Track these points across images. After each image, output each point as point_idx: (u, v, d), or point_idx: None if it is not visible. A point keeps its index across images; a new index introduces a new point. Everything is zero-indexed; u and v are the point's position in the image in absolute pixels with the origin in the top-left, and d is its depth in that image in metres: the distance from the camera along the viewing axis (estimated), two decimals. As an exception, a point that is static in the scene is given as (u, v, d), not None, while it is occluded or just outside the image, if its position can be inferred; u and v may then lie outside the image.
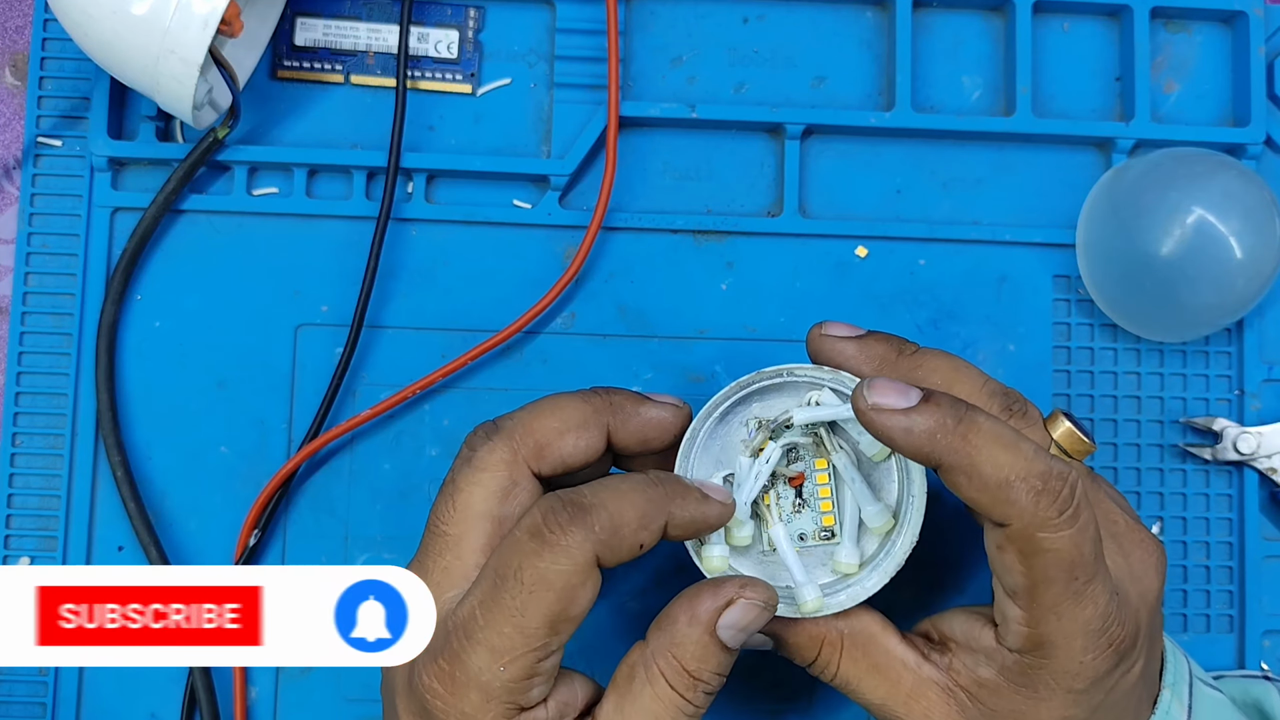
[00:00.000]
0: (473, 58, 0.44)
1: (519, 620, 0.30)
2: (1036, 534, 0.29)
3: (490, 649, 0.30)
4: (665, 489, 0.31)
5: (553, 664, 0.31)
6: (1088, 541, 0.30)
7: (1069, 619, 0.30)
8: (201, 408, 0.42)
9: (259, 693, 0.41)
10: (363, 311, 0.41)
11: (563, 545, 0.30)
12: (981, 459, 0.29)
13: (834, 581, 0.34)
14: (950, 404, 0.30)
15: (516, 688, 0.30)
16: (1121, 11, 0.45)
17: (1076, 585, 0.30)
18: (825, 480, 0.34)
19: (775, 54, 0.44)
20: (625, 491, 0.31)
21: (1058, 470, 0.29)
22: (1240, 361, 0.44)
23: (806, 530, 0.34)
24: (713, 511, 0.32)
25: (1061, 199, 0.44)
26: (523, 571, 0.30)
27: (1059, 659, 0.30)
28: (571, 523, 0.30)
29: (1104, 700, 0.32)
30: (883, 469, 0.34)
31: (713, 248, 0.43)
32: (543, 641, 0.30)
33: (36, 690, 0.40)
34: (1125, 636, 0.31)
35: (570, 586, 0.30)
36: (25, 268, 0.42)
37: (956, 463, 0.29)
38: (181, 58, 0.36)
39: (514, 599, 0.30)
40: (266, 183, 0.43)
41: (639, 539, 0.30)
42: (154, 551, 0.40)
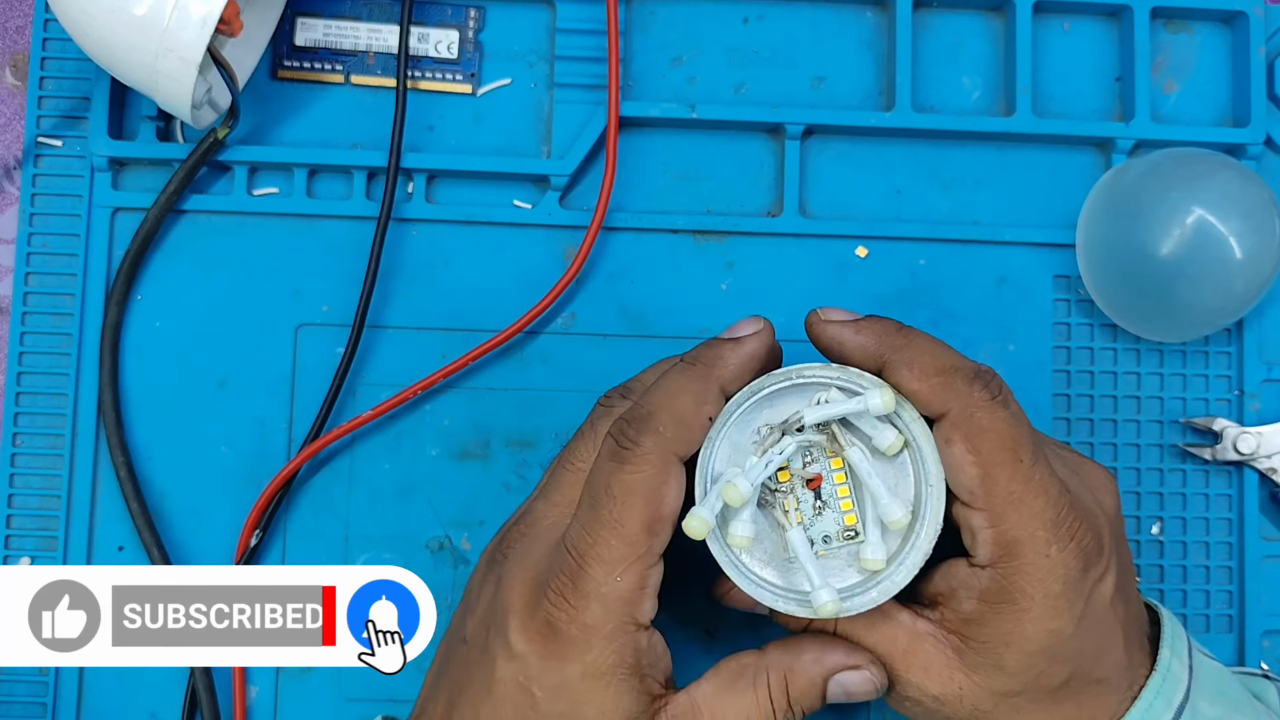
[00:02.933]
0: (473, 58, 0.44)
1: (620, 530, 0.32)
2: (975, 414, 0.32)
3: (602, 562, 0.32)
4: (704, 361, 0.34)
5: (658, 577, 0.33)
6: (1024, 426, 0.32)
7: (1025, 508, 0.32)
8: (202, 408, 0.42)
9: (259, 693, 0.41)
10: (363, 311, 0.41)
11: (640, 455, 0.32)
12: (921, 352, 0.33)
13: (863, 580, 0.34)
14: (894, 321, 0.34)
15: (631, 598, 0.32)
16: (1121, 11, 0.45)
17: (1023, 469, 0.32)
18: (843, 480, 0.34)
19: (775, 54, 0.44)
20: (672, 385, 0.33)
21: (986, 368, 0.33)
22: (1240, 362, 0.44)
23: (830, 532, 0.34)
24: (752, 346, 0.34)
25: (1061, 199, 0.44)
26: (612, 487, 0.32)
27: (1026, 556, 0.32)
28: (640, 434, 0.32)
29: (1085, 611, 0.32)
30: (898, 465, 0.34)
31: (713, 248, 0.43)
32: (645, 546, 0.32)
33: (36, 690, 0.40)
34: (1087, 536, 0.32)
35: (655, 488, 0.32)
36: (25, 268, 0.42)
37: (900, 357, 0.33)
38: (180, 57, 0.36)
39: (611, 513, 0.32)
40: (267, 183, 0.43)
41: (703, 416, 0.33)
42: (155, 552, 0.40)
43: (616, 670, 0.32)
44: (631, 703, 0.32)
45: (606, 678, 0.32)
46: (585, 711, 0.32)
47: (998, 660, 0.33)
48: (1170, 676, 0.34)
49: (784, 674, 0.34)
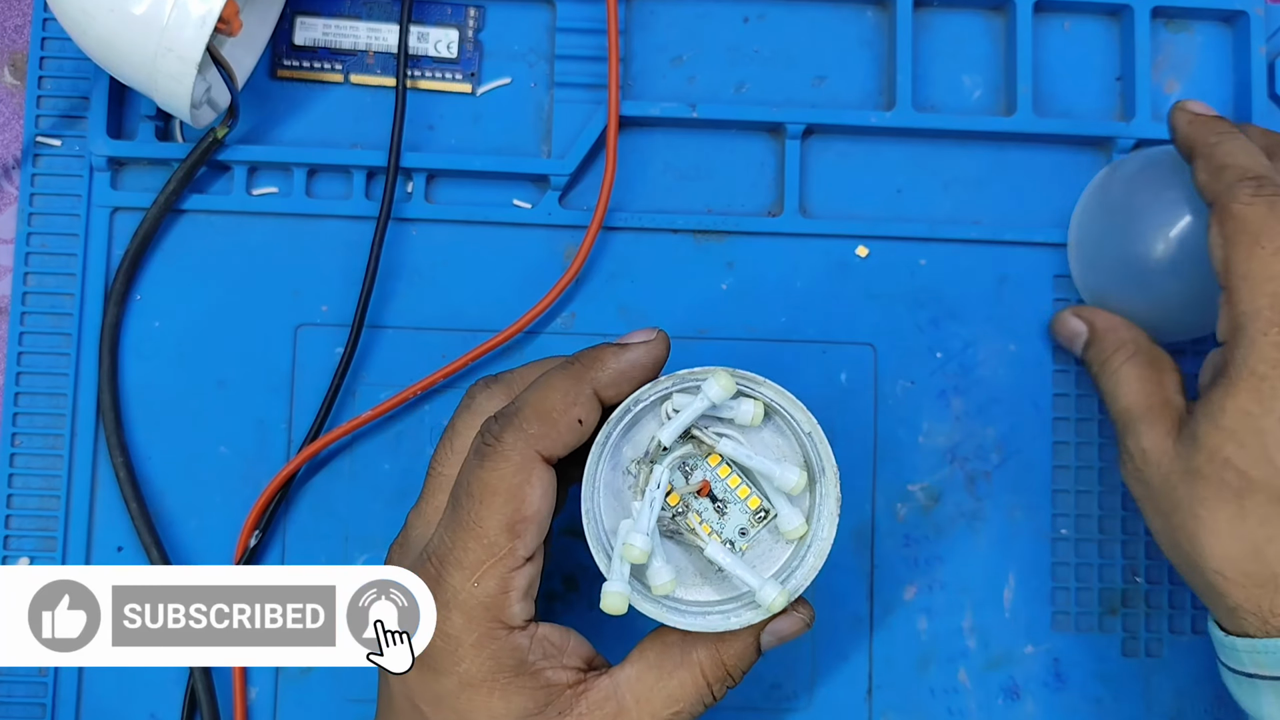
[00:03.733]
0: (473, 57, 0.44)
1: (478, 532, 0.31)
2: (1231, 204, 0.34)
3: (461, 567, 0.31)
4: (581, 361, 0.32)
5: (525, 579, 0.31)
6: (1277, 221, 0.33)
7: (1255, 284, 0.33)
8: (201, 408, 0.42)
9: (259, 693, 0.41)
10: (363, 311, 0.41)
11: (499, 451, 0.31)
12: (1219, 150, 0.36)
13: (794, 549, 0.33)
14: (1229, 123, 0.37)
15: (493, 603, 0.31)
16: (1122, 11, 0.44)
17: (1263, 253, 0.33)
18: (728, 471, 0.33)
19: (776, 53, 0.44)
20: (545, 382, 0.32)
21: (1272, 178, 0.34)
22: (1241, 361, 0.44)
23: (742, 524, 0.33)
24: (637, 354, 0.32)
25: (1062, 199, 0.44)
26: (471, 486, 0.31)
27: (1248, 332, 0.33)
28: (503, 429, 0.31)
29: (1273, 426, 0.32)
30: (770, 428, 0.33)
31: (713, 248, 0.43)
32: (505, 548, 0.31)
33: (36, 690, 0.40)
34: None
35: (514, 487, 0.31)
36: (25, 268, 0.42)
37: (1202, 150, 0.36)
38: (179, 56, 0.36)
39: (469, 513, 0.31)
40: (266, 182, 0.43)
41: (572, 417, 0.31)
42: (155, 552, 0.40)
43: (495, 676, 0.31)
44: (525, 701, 0.31)
45: (487, 685, 0.31)
46: (475, 718, 0.31)
47: (1196, 429, 0.34)
48: None
49: (714, 643, 0.32)
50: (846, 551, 0.42)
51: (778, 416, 0.33)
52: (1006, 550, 0.43)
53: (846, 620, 0.42)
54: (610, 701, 0.32)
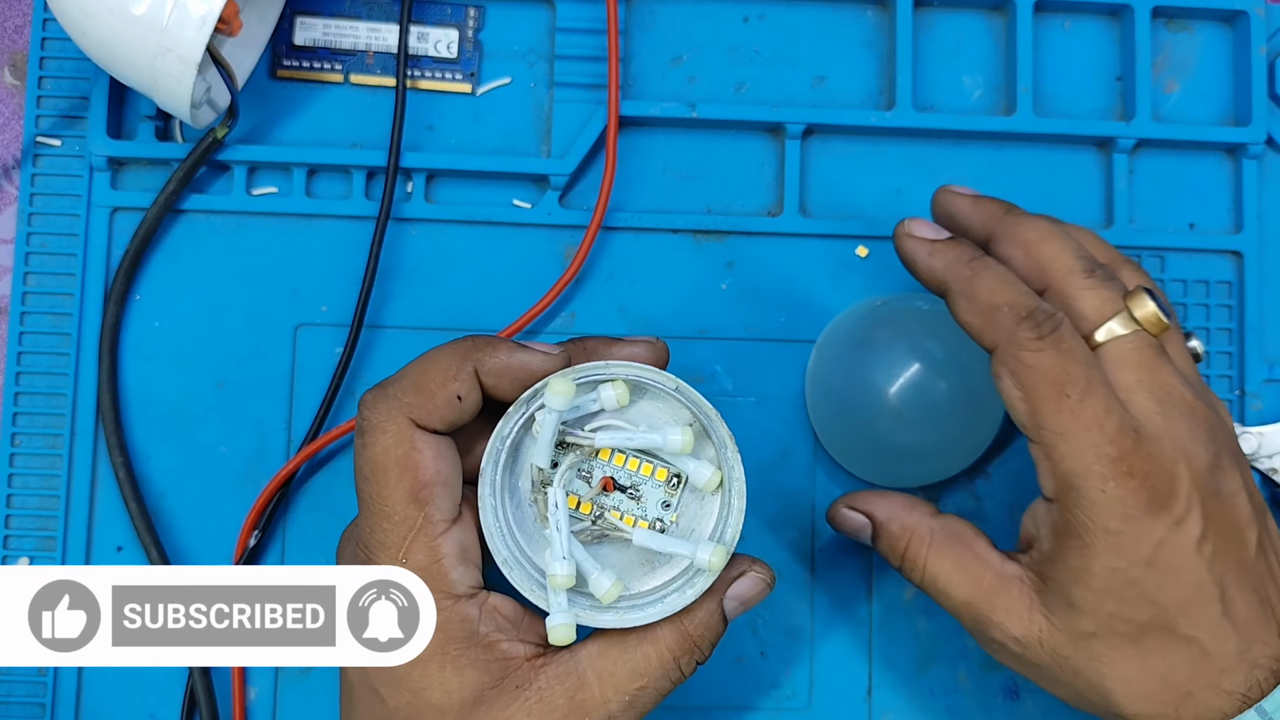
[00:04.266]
0: (472, 57, 0.44)
1: (386, 509, 0.31)
2: (1019, 352, 0.32)
3: (384, 548, 0.31)
4: (472, 342, 0.32)
5: (455, 544, 0.31)
6: (1075, 364, 0.31)
7: (1076, 441, 0.31)
8: (201, 408, 0.42)
9: (259, 693, 0.41)
10: (363, 311, 0.41)
11: (376, 424, 0.31)
12: (980, 286, 0.33)
13: (721, 503, 0.32)
14: (970, 246, 0.34)
15: (428, 574, 0.31)
16: (1122, 11, 0.44)
17: (1070, 403, 0.31)
18: (623, 460, 0.32)
19: (776, 53, 0.44)
20: (427, 355, 0.32)
21: (1044, 309, 0.32)
22: (1241, 361, 0.44)
23: (663, 498, 0.32)
24: (531, 359, 0.32)
25: (1062, 198, 0.44)
26: (362, 467, 0.31)
27: (1083, 490, 0.31)
28: (377, 401, 0.31)
29: (1155, 557, 0.31)
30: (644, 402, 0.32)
31: (713, 248, 0.43)
32: (418, 518, 0.31)
33: (35, 690, 0.40)
34: (1153, 474, 0.31)
35: (402, 456, 0.30)
36: (24, 268, 0.42)
37: (960, 288, 0.33)
38: (179, 56, 0.36)
39: (369, 495, 0.31)
40: (266, 182, 0.43)
41: (450, 391, 0.31)
42: (154, 552, 0.40)
43: (445, 648, 0.31)
44: (479, 674, 0.31)
45: (438, 659, 0.31)
46: (429, 696, 0.31)
47: (1069, 598, 0.32)
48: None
49: (676, 616, 0.32)
50: (847, 552, 0.42)
51: (643, 388, 0.32)
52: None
53: (846, 620, 0.42)
54: (571, 676, 0.31)
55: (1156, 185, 0.45)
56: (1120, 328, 0.33)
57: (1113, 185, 0.44)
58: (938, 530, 0.35)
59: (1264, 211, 0.45)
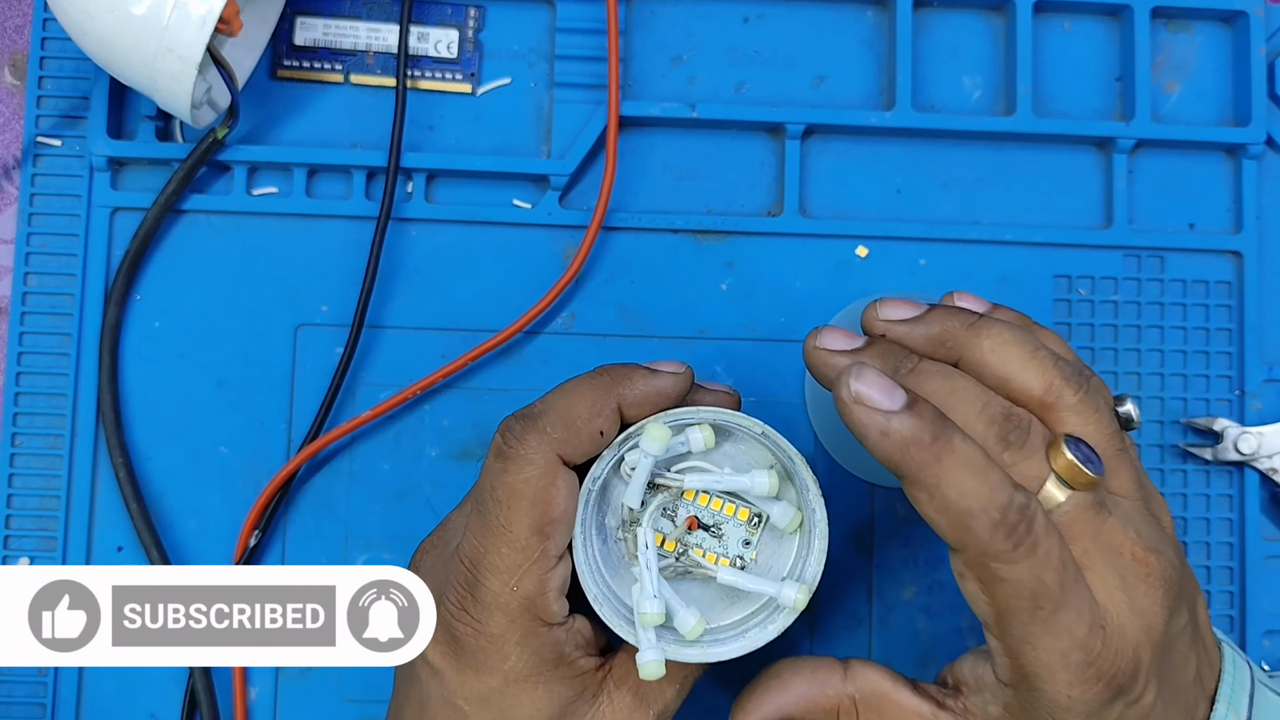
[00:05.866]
0: (472, 57, 0.44)
1: (509, 536, 0.31)
2: (991, 564, 0.29)
3: (496, 571, 0.31)
4: (611, 375, 0.33)
5: (560, 579, 0.32)
6: (1050, 571, 0.29)
7: (1044, 649, 0.29)
8: (201, 408, 0.42)
9: (259, 693, 0.41)
10: (363, 311, 0.41)
11: (522, 455, 0.31)
12: (948, 481, 0.28)
13: (800, 540, 0.33)
14: (932, 417, 0.29)
15: (533, 604, 0.31)
16: (1122, 11, 0.44)
17: (1043, 614, 0.29)
18: (707, 499, 0.33)
19: (775, 53, 0.44)
20: (572, 389, 0.32)
21: (1018, 503, 0.28)
22: (1241, 361, 0.44)
23: (744, 537, 0.34)
24: (665, 382, 0.33)
25: (1062, 199, 0.44)
26: (496, 490, 0.31)
27: (1046, 691, 0.29)
28: (525, 432, 0.31)
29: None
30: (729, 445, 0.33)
31: (713, 248, 0.43)
32: (538, 550, 0.31)
33: (36, 690, 0.40)
34: (1120, 670, 0.30)
35: (541, 489, 0.31)
36: (25, 268, 0.42)
37: (923, 479, 0.29)
38: (179, 56, 0.36)
39: (497, 518, 0.31)
40: (266, 182, 0.43)
41: (595, 427, 0.32)
42: (155, 552, 0.40)
43: (541, 670, 0.32)
44: (565, 690, 0.32)
45: (532, 679, 0.32)
46: (518, 714, 0.32)
47: None
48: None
49: None
50: (847, 552, 0.42)
51: (730, 429, 0.33)
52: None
53: (846, 620, 0.42)
54: (631, 675, 0.33)
55: (1156, 185, 0.45)
56: (1057, 494, 0.30)
57: (1112, 185, 0.44)
58: (859, 696, 0.33)
59: (1264, 211, 0.45)
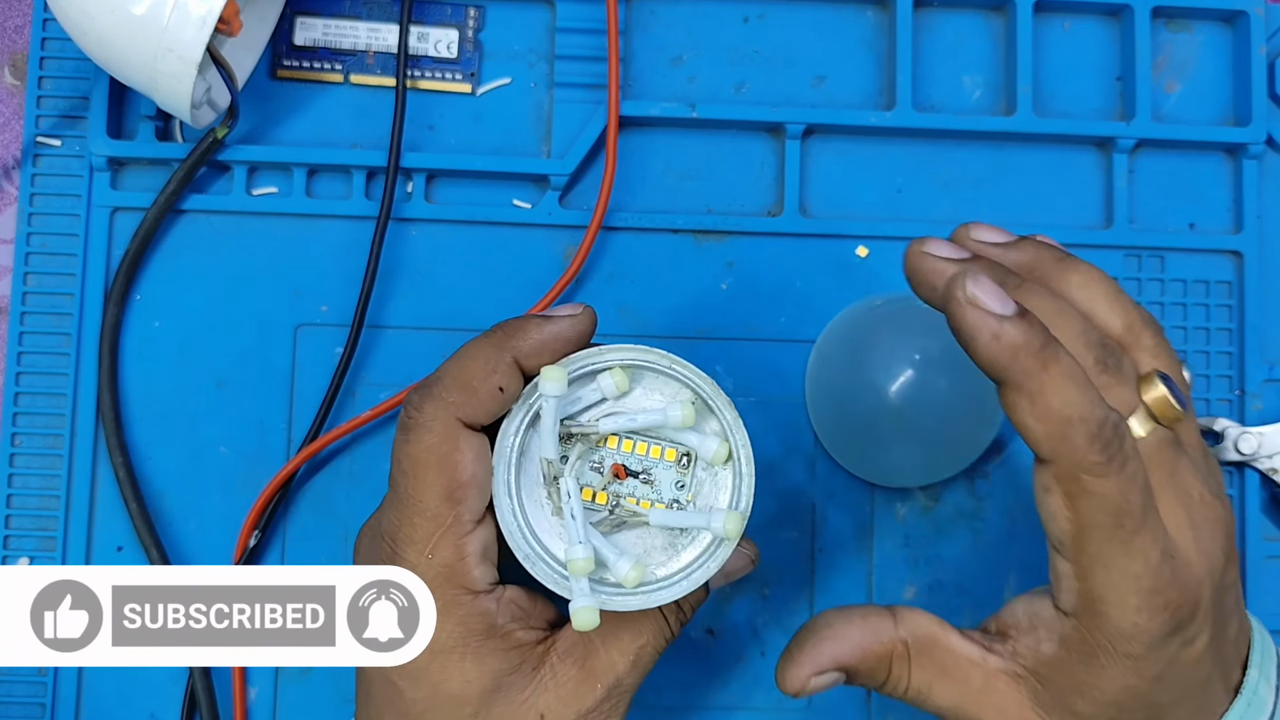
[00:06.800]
0: (472, 57, 0.44)
1: (419, 506, 0.31)
2: (1082, 475, 0.29)
3: (411, 542, 0.31)
4: (504, 330, 0.32)
5: (479, 544, 0.32)
6: (1136, 491, 0.29)
7: (1118, 572, 0.29)
8: (201, 408, 0.42)
9: (259, 693, 0.41)
10: (363, 311, 0.41)
11: (421, 423, 0.31)
12: (1051, 389, 0.29)
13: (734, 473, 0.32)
14: (1040, 327, 0.29)
15: (452, 572, 0.31)
16: (1122, 11, 0.44)
17: (1123, 534, 0.29)
18: (630, 445, 0.32)
19: (775, 53, 0.44)
20: (465, 351, 0.32)
21: (1113, 420, 0.29)
22: (1241, 361, 0.44)
23: (676, 479, 0.33)
24: (560, 326, 0.32)
25: (1062, 199, 0.44)
26: (402, 462, 0.31)
27: (1112, 617, 0.30)
28: (423, 401, 0.31)
29: (1164, 671, 0.31)
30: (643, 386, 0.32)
31: (713, 248, 0.43)
32: (450, 516, 0.31)
33: (36, 690, 0.40)
34: (1184, 604, 0.30)
35: (444, 455, 0.31)
36: (25, 268, 0.42)
37: (1027, 385, 0.29)
38: (179, 56, 0.36)
39: (405, 490, 0.31)
40: (266, 182, 0.43)
41: (492, 384, 0.31)
42: (154, 552, 0.40)
43: (467, 640, 0.32)
44: (499, 662, 0.32)
45: (459, 650, 0.32)
46: (449, 688, 0.32)
47: (1071, 706, 0.31)
48: (1256, 700, 0.32)
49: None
50: (847, 551, 0.42)
51: (640, 370, 0.32)
52: (1006, 550, 0.43)
53: (846, 620, 0.42)
54: (578, 647, 0.33)
55: (1156, 185, 0.45)
56: (1139, 428, 0.30)
57: (1113, 185, 0.44)
58: (910, 641, 0.33)
59: (1264, 211, 0.45)
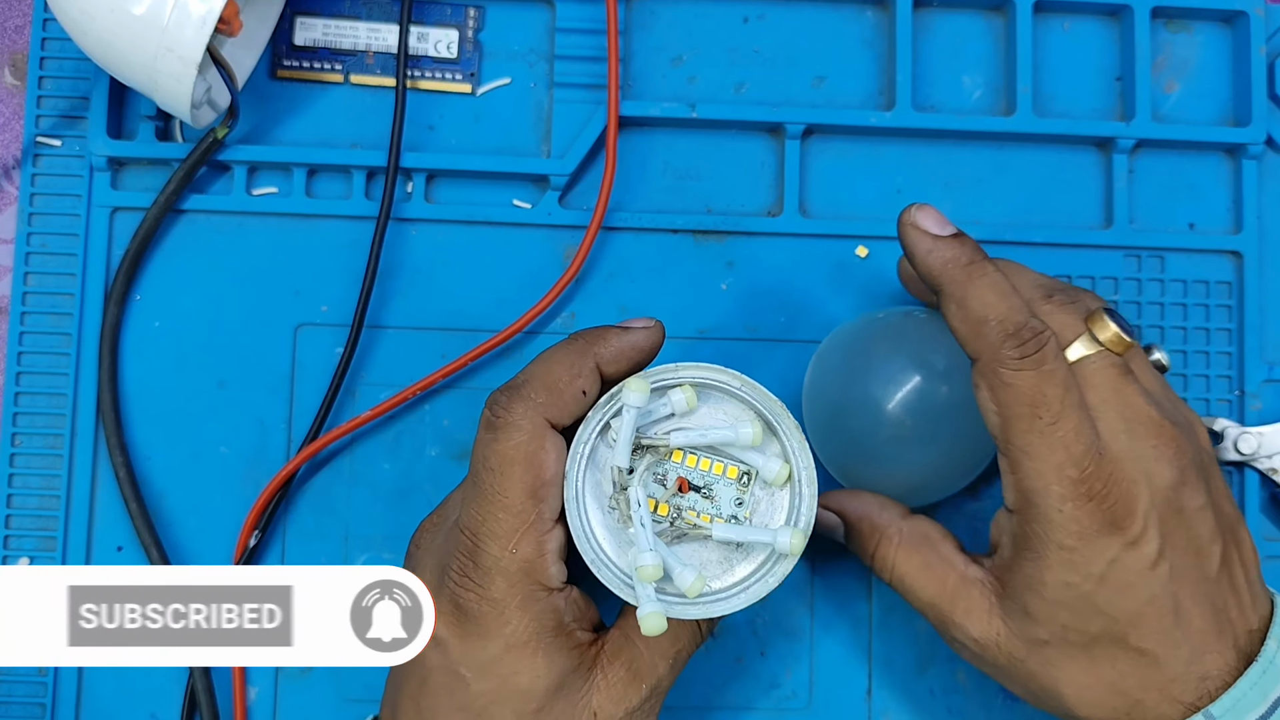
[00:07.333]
0: (472, 57, 0.44)
1: (504, 501, 0.32)
2: (999, 369, 0.32)
3: (495, 536, 0.32)
4: (585, 338, 0.34)
5: (556, 542, 0.33)
6: (1052, 386, 0.32)
7: (1040, 460, 0.32)
8: (201, 408, 0.42)
9: (259, 693, 0.41)
10: (363, 311, 0.41)
11: (510, 422, 0.32)
12: (973, 294, 0.33)
13: (791, 493, 0.33)
14: (971, 246, 0.34)
15: (532, 567, 0.32)
16: (1122, 11, 0.44)
17: (1041, 424, 0.32)
18: (695, 460, 0.33)
19: (775, 53, 0.44)
20: (550, 355, 0.34)
21: (1032, 325, 0.33)
22: (1241, 361, 0.44)
23: (735, 495, 0.33)
24: (637, 337, 0.34)
25: (1062, 199, 0.44)
26: (489, 459, 0.32)
27: (1040, 507, 0.33)
28: (511, 401, 0.33)
29: (1107, 574, 0.32)
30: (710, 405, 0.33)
31: (713, 248, 0.43)
32: (534, 513, 0.32)
33: (36, 690, 0.40)
34: (1111, 496, 0.32)
35: (531, 453, 0.32)
36: (25, 268, 0.42)
37: (953, 292, 0.33)
38: (179, 56, 0.36)
39: (491, 485, 0.32)
40: (266, 182, 0.43)
41: (577, 388, 0.33)
42: (154, 552, 0.40)
43: (540, 636, 0.33)
44: (564, 659, 0.33)
45: (532, 645, 0.33)
46: (518, 681, 0.33)
47: (1025, 606, 0.33)
48: (1272, 669, 0.33)
49: None
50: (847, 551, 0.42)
51: (709, 389, 0.33)
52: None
53: (846, 620, 0.42)
54: (624, 650, 0.34)
55: (1156, 185, 0.45)
56: (1084, 348, 0.34)
57: (1113, 185, 0.44)
58: (906, 531, 0.37)
59: (1264, 211, 0.45)
